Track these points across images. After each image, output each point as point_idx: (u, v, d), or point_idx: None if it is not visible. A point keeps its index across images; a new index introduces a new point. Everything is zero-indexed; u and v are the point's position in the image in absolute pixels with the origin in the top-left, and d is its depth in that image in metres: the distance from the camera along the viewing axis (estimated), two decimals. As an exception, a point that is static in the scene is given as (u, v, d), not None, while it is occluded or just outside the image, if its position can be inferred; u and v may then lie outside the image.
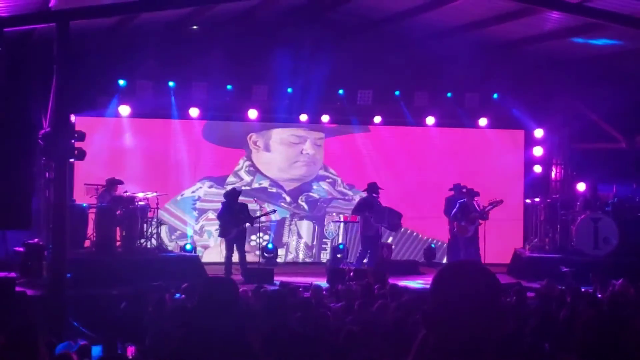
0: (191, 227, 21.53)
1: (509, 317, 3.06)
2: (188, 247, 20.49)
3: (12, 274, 15.94)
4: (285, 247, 22.13)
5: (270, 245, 21.33)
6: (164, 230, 20.34)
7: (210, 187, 21.80)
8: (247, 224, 18.75)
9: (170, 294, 13.39)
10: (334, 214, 22.30)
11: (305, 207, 22.34)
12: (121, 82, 20.28)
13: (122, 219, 18.08)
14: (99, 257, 17.50)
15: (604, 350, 4.56)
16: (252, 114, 21.41)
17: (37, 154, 16.16)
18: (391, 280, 15.76)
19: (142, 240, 18.55)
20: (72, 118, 17.71)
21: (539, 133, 22.40)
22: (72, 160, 16.47)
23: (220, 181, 21.83)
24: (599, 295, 13.53)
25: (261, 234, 20.46)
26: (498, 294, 3.00)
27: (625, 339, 4.02)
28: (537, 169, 22.52)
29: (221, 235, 19.05)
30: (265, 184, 22.16)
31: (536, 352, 7.04)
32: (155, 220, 18.91)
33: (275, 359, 3.93)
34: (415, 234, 22.49)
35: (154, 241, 18.81)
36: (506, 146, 22.79)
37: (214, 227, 20.87)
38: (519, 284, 15.32)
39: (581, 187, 21.30)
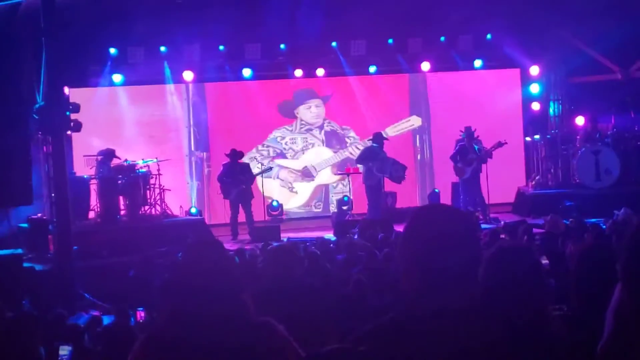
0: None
1: (481, 255, 3.07)
2: (193, 210, 20.50)
3: (19, 250, 15.98)
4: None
5: (275, 203, 21.32)
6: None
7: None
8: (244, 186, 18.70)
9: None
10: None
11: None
12: (112, 50, 20.19)
13: (124, 187, 18.10)
14: (104, 227, 17.54)
15: (596, 278, 4.57)
16: (246, 72, 21.34)
17: (33, 129, 16.10)
18: (397, 228, 15.77)
19: (146, 207, 18.58)
20: (66, 90, 17.61)
21: (534, 70, 22.31)
22: (69, 132, 16.47)
23: None
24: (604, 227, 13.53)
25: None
26: (471, 235, 3.00)
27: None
28: (535, 106, 22.46)
29: (223, 196, 19.06)
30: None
31: (542, 289, 7.04)
32: (158, 186, 18.93)
33: (281, 312, 3.94)
34: (419, 180, 22.54)
35: (158, 207, 18.83)
36: (503, 86, 22.73)
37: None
38: (525, 222, 15.36)
39: (580, 121, 21.26)
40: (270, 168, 20.81)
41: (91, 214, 18.43)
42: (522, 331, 3.30)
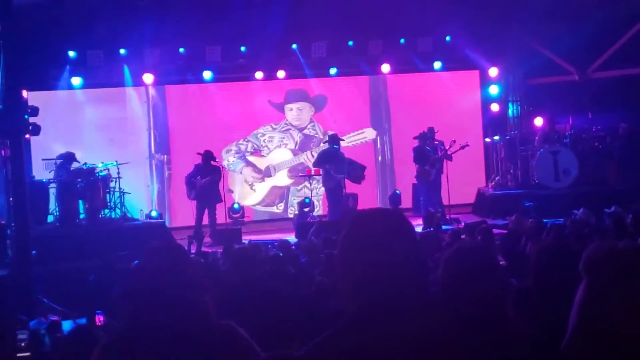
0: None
1: (427, 262, 3.08)
2: (154, 213, 20.40)
3: (-23, 255, 15.83)
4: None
5: (236, 205, 21.28)
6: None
7: None
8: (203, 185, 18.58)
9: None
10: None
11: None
12: (71, 53, 20.05)
13: (83, 191, 17.96)
14: (63, 231, 17.40)
15: (556, 277, 4.62)
16: (207, 75, 21.29)
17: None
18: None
19: (106, 211, 18.46)
20: (25, 93, 17.48)
21: (493, 72, 22.45)
22: (27, 136, 16.33)
23: None
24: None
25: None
26: (409, 236, 3.01)
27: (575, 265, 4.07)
28: (494, 107, 22.60)
29: (188, 196, 18.93)
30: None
31: (500, 287, 7.09)
32: (118, 189, 18.82)
33: (243, 315, 3.94)
34: (380, 181, 22.60)
35: (118, 211, 18.72)
36: (462, 87, 22.85)
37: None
38: (485, 222, 15.44)
39: (538, 122, 21.44)
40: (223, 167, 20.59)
41: (50, 218, 18.26)
42: (479, 329, 3.32)
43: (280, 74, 21.76)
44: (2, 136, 15.70)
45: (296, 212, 21.10)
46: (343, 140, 19.85)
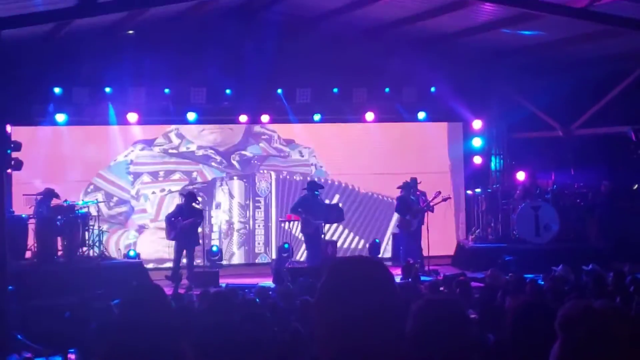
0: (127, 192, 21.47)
1: (404, 315, 3.05)
2: (132, 253, 20.32)
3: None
4: (218, 207, 21.96)
5: (215, 248, 21.22)
6: (100, 197, 20.57)
7: (142, 149, 21.66)
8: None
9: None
10: (264, 171, 22.27)
11: (238, 166, 22.20)
12: (57, 89, 20.04)
13: (62, 227, 17.88)
14: (41, 267, 17.28)
15: (533, 334, 4.61)
16: (191, 116, 21.28)
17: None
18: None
19: (85, 249, 18.36)
20: (8, 128, 17.44)
21: (477, 124, 22.52)
22: (9, 170, 16.27)
23: (150, 143, 21.71)
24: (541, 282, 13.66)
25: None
26: (389, 286, 2.99)
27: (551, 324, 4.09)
28: (477, 160, 22.63)
29: (167, 236, 18.83)
30: (193, 147, 21.99)
31: (480, 343, 7.08)
32: (97, 227, 18.74)
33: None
34: (359, 230, 22.55)
35: (96, 249, 18.63)
36: (445, 139, 22.91)
37: (150, 190, 21.32)
38: (463, 274, 15.44)
39: (521, 176, 21.52)
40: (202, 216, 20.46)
41: (28, 254, 18.13)
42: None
43: (265, 118, 21.78)
44: (-17, 170, 15.65)
45: (274, 257, 21.05)
46: (322, 187, 19.87)
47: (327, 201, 20.59)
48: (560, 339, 4.00)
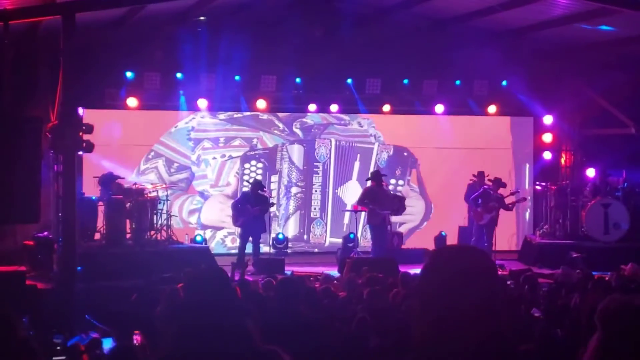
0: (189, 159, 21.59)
1: (501, 301, 2.98)
2: (198, 238, 20.49)
3: (23, 268, 15.97)
4: (278, 174, 22.03)
5: (281, 236, 21.28)
6: (160, 163, 20.91)
7: (203, 117, 21.74)
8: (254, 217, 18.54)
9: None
10: (324, 138, 22.29)
11: (300, 134, 22.24)
12: (129, 74, 20.22)
13: (131, 211, 18.09)
14: (109, 249, 17.50)
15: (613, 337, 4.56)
16: (261, 104, 21.35)
17: (45, 148, 16.12)
18: (402, 269, 15.70)
19: (153, 232, 18.55)
20: (80, 111, 17.67)
21: (548, 120, 22.29)
22: (80, 153, 16.49)
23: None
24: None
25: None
26: (493, 277, 2.95)
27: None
28: (547, 155, 22.42)
29: (233, 222, 18.96)
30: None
31: (547, 339, 7.01)
32: (165, 211, 18.91)
33: (284, 346, 3.91)
34: (425, 222, 22.48)
35: (164, 233, 18.80)
36: (516, 133, 22.71)
37: (210, 155, 21.46)
38: (530, 270, 15.31)
39: (591, 173, 21.27)
40: (273, 204, 20.59)
41: (97, 236, 18.36)
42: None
43: (334, 107, 21.77)
44: (55, 152, 15.89)
45: (340, 247, 21.06)
46: (386, 175, 19.81)
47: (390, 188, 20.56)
48: (598, 332, 4.04)
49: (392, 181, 21.79)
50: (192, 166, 21.55)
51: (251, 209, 18.36)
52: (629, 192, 19.97)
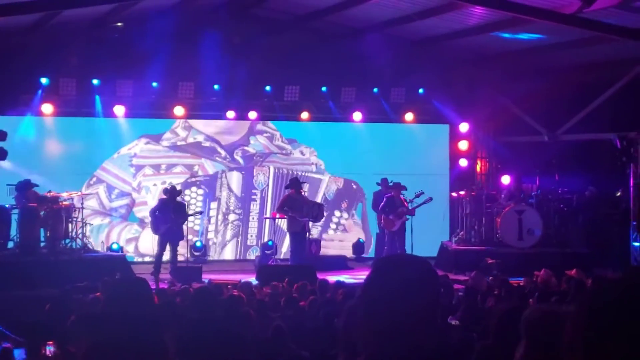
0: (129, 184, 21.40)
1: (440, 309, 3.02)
2: (115, 246, 20.26)
3: None
4: (217, 201, 21.97)
5: (199, 244, 21.17)
6: (102, 189, 20.76)
7: (147, 143, 21.61)
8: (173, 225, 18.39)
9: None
10: (270, 166, 22.27)
11: (241, 161, 22.21)
12: (44, 80, 19.93)
13: (46, 219, 17.79)
14: (23, 258, 17.18)
15: (515, 336, 4.64)
16: (179, 110, 21.22)
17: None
18: (320, 276, 15.75)
19: (67, 241, 18.28)
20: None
21: (464, 127, 22.58)
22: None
23: (156, 138, 21.69)
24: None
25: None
26: (435, 285, 2.99)
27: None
28: (463, 162, 22.70)
29: (152, 231, 18.75)
30: (200, 138, 21.98)
31: (464, 343, 7.09)
32: (80, 219, 18.65)
33: (198, 356, 3.88)
34: (343, 229, 22.56)
35: (79, 241, 18.54)
36: (432, 140, 22.92)
37: (151, 182, 21.27)
38: (446, 277, 15.45)
39: (506, 180, 21.60)
40: (202, 212, 20.60)
41: (10, 244, 18.02)
42: None
43: (252, 114, 21.75)
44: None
45: (258, 254, 21.04)
46: (304, 182, 19.91)
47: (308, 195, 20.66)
48: (523, 341, 4.12)
49: (337, 213, 22.01)
50: (132, 192, 21.37)
51: (174, 218, 18.15)
52: (542, 199, 20.30)
